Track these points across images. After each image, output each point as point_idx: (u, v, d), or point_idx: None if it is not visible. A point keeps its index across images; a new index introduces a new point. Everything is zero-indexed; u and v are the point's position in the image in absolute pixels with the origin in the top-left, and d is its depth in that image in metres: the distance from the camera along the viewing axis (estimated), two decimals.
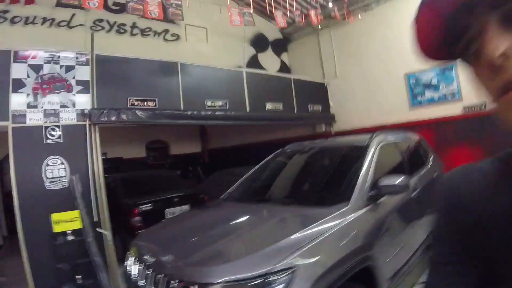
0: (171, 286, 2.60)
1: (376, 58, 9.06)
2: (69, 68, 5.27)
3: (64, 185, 5.05)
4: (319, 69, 10.12)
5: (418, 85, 8.39)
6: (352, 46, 9.55)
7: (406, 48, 8.38)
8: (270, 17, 10.13)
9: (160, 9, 5.62)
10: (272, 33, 10.60)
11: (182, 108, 6.41)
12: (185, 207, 6.80)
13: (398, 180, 3.37)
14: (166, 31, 8.15)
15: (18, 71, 4.88)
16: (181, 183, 7.89)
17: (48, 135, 5.01)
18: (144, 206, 6.32)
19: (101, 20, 7.42)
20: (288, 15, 7.42)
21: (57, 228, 4.77)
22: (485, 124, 7.33)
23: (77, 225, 4.92)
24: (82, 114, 5.29)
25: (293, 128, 10.14)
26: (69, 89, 5.26)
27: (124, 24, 7.64)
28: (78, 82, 5.33)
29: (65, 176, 5.07)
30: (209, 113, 6.80)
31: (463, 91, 7.82)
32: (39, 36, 6.93)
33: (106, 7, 7.09)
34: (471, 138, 7.49)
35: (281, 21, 7.01)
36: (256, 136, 11.30)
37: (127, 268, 3.45)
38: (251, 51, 9.94)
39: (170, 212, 6.60)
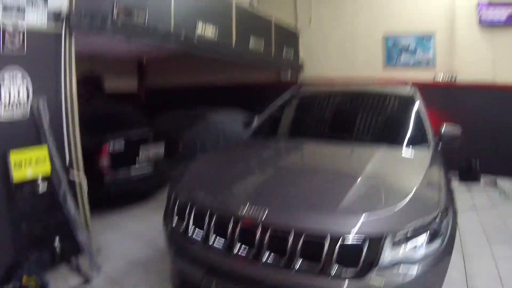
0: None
1: (356, 14, 8.20)
2: None
3: (26, 114, 3.27)
4: (291, 15, 8.82)
5: (396, 47, 7.82)
6: None
7: (388, 9, 7.76)
8: None
9: None
10: None
11: (172, 29, 4.74)
12: (160, 147, 5.33)
13: (459, 130, 3.25)
14: None
15: None
16: (145, 118, 6.25)
17: (6, 42, 3.12)
18: (115, 143, 4.71)
19: None
20: None
21: (18, 174, 3.07)
22: (450, 93, 7.26)
23: (46, 168, 3.27)
24: (55, 18, 3.42)
25: (253, 73, 8.94)
26: None
27: None
28: None
29: (27, 100, 3.28)
30: (201, 41, 5.22)
31: (438, 60, 7.53)
32: None
33: None
34: (439, 105, 7.22)
35: None
36: (206, 77, 9.81)
37: (184, 227, 2.41)
38: None
39: (144, 151, 5.09)
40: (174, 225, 2.52)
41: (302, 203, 2.18)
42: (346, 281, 1.84)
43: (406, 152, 3.08)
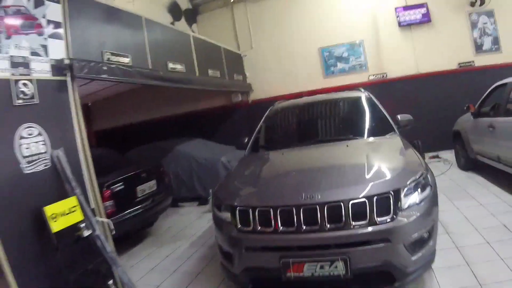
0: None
1: (292, 32, 9.01)
2: (38, 3, 3.32)
3: (47, 165, 3.20)
4: (232, 41, 9.32)
5: (331, 57, 8.67)
6: (268, 20, 9.20)
7: (320, 24, 8.64)
8: None
9: None
10: (183, 3, 9.18)
11: (150, 67, 4.89)
12: (152, 183, 5.32)
13: (411, 116, 4.20)
14: None
15: None
16: (127, 159, 6.16)
17: (18, 93, 3.06)
18: (115, 185, 4.63)
19: None
20: None
21: (56, 226, 2.99)
22: (384, 89, 8.17)
23: (78, 216, 3.20)
24: (58, 66, 3.42)
25: (206, 100, 9.25)
26: (39, 30, 3.31)
27: None
28: (50, 23, 3.41)
29: (45, 152, 3.21)
30: (174, 75, 5.47)
31: (369, 63, 8.56)
32: None
33: None
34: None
35: None
36: (158, 111, 9.83)
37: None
38: (169, 18, 8.37)
39: (141, 189, 5.06)
40: (239, 225, 2.83)
41: (340, 183, 2.83)
42: (386, 224, 2.52)
43: (381, 139, 3.85)
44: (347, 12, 8.55)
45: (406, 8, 8.10)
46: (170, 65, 5.40)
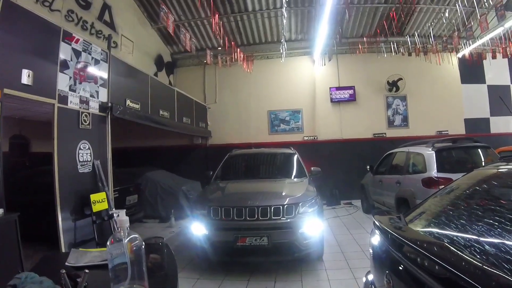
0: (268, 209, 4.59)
1: (249, 95, 11.41)
2: (96, 62, 5.25)
3: (90, 169, 4.99)
4: (200, 94, 11.48)
5: (276, 119, 11.15)
6: (232, 83, 11.54)
7: (271, 92, 11.13)
8: (167, 42, 10.93)
9: None
10: (166, 56, 11.27)
11: (149, 112, 6.83)
12: (135, 196, 7.04)
13: (320, 169, 6.42)
14: (110, 37, 7.86)
15: (64, 51, 4.66)
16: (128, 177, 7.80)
17: (82, 121, 4.89)
18: (114, 192, 6.30)
19: (72, 12, 6.79)
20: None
21: (95, 208, 4.75)
22: (314, 148, 10.58)
23: (105, 205, 4.97)
24: (103, 106, 5.30)
25: (173, 139, 10.99)
26: (95, 81, 5.21)
27: (87, 22, 7.17)
28: (101, 77, 5.33)
29: (90, 161, 5.01)
30: (163, 119, 7.39)
31: (305, 127, 11.12)
32: None
33: None
34: (306, 155, 10.36)
35: (187, 44, 7.49)
36: (128, 142, 11.29)
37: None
38: (154, 69, 10.33)
39: (129, 199, 6.75)
40: (212, 217, 4.71)
41: (269, 198, 4.81)
42: (290, 219, 4.57)
43: (297, 180, 5.98)
44: (293, 86, 11.21)
45: (338, 88, 10.95)
46: (161, 112, 7.39)
